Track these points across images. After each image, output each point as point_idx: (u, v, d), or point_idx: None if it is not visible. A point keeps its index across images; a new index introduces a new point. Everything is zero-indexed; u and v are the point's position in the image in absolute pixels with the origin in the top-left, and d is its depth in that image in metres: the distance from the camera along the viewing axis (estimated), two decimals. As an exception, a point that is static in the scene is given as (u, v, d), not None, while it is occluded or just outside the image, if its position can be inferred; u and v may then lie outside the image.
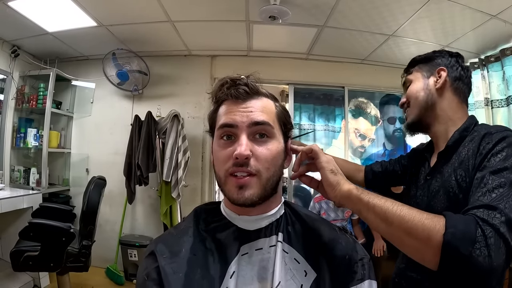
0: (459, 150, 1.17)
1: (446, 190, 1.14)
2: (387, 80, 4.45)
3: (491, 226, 0.78)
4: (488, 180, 0.93)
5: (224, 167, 0.85)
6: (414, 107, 1.32)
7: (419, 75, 1.34)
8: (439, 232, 0.77)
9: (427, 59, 1.34)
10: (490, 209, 0.82)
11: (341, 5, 2.99)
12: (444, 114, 1.27)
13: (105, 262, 4.07)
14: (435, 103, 1.27)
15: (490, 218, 0.80)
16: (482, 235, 0.76)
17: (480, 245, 0.75)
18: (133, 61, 4.08)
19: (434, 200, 1.19)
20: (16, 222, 3.45)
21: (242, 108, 0.86)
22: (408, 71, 1.40)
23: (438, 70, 1.28)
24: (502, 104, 3.50)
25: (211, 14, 3.32)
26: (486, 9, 2.87)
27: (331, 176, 0.91)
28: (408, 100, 1.36)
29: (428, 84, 1.29)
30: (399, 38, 3.61)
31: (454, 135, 1.21)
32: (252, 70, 0.93)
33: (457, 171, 1.11)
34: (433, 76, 1.29)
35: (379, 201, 0.86)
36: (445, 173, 1.18)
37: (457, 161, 1.14)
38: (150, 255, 0.87)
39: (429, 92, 1.28)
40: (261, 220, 0.91)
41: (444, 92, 1.27)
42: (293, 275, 0.85)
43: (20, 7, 3.07)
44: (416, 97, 1.31)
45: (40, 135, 4.09)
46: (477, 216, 0.81)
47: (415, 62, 1.38)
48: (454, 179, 1.11)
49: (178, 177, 3.89)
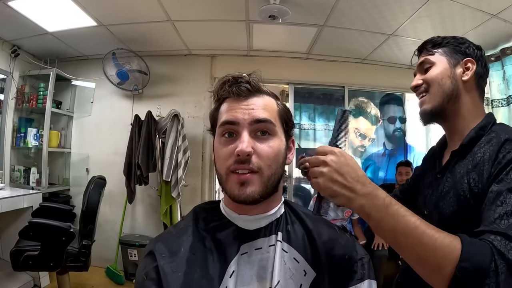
0: (474, 150, 1.08)
1: (457, 192, 1.06)
2: (387, 80, 4.46)
3: (506, 261, 0.74)
4: (506, 199, 0.86)
5: (226, 165, 0.85)
6: (437, 95, 1.18)
7: (444, 60, 1.19)
8: (452, 263, 0.73)
9: (454, 44, 1.21)
10: (508, 240, 0.77)
11: (341, 4, 2.99)
12: (465, 108, 1.16)
13: (105, 261, 4.07)
14: (459, 95, 1.16)
15: (507, 251, 0.75)
16: (495, 270, 0.73)
17: (491, 281, 0.72)
18: (133, 61, 4.08)
19: (443, 201, 1.12)
20: (16, 222, 3.45)
21: (243, 106, 0.87)
22: (428, 50, 1.23)
23: (466, 61, 1.17)
24: (503, 103, 3.50)
25: (211, 14, 3.32)
26: (486, 8, 2.87)
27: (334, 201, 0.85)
28: (426, 83, 1.21)
29: (455, 73, 1.16)
30: (399, 37, 3.61)
31: (470, 133, 1.12)
32: (252, 69, 0.93)
33: (470, 174, 1.03)
34: (460, 66, 1.17)
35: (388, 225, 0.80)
36: (456, 174, 1.10)
37: (471, 163, 1.05)
38: (149, 255, 0.87)
39: (455, 82, 1.16)
40: (261, 219, 0.91)
41: (468, 86, 1.17)
42: (293, 275, 0.85)
43: (20, 7, 3.07)
44: (441, 84, 1.17)
45: (40, 134, 4.09)
46: (495, 246, 0.76)
47: (437, 44, 1.22)
48: (467, 182, 1.03)
49: (178, 177, 3.89)
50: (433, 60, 1.20)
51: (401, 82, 4.46)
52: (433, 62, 1.20)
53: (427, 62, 1.21)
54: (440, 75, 1.17)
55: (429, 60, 1.21)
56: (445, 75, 1.17)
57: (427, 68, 1.21)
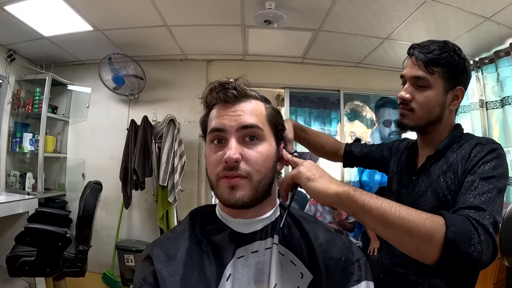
0: (447, 154, 1.22)
1: (434, 190, 1.19)
2: (382, 83, 4.47)
3: (482, 226, 0.86)
4: (478, 185, 1.01)
5: (215, 171, 0.86)
6: (422, 117, 1.23)
7: (441, 86, 1.20)
8: (441, 230, 0.81)
9: (453, 68, 1.20)
10: (480, 210, 0.92)
11: (336, 8, 3.01)
12: (443, 125, 1.27)
13: (102, 267, 4.05)
14: (442, 118, 1.25)
15: (481, 219, 0.88)
16: (476, 233, 0.84)
17: (475, 241, 0.83)
18: (129, 66, 4.08)
19: (421, 199, 1.23)
20: (12, 227, 3.42)
21: (231, 112, 0.87)
22: (428, 66, 1.19)
23: (458, 89, 1.23)
24: (497, 105, 3.52)
25: (206, 19, 3.33)
26: (479, 11, 2.89)
27: (309, 185, 0.86)
28: (416, 104, 1.23)
29: (445, 100, 1.22)
30: (394, 41, 3.63)
31: (445, 141, 1.25)
32: (248, 74, 0.94)
33: (446, 174, 1.17)
34: (451, 93, 1.22)
35: (375, 203, 0.83)
36: (432, 175, 1.23)
37: (446, 165, 1.19)
38: (146, 259, 0.88)
39: (443, 110, 1.23)
40: (256, 222, 0.92)
41: (452, 111, 1.28)
42: (290, 277, 0.86)
43: (16, 11, 3.06)
44: (430, 111, 1.22)
45: (36, 139, 4.07)
46: (470, 216, 0.89)
47: (440, 63, 1.18)
48: (443, 180, 1.17)
49: (174, 182, 3.89)
50: (431, 83, 1.20)
51: (396, 86, 4.38)
52: (431, 85, 1.20)
53: (425, 82, 1.20)
54: (433, 102, 1.22)
55: (428, 81, 1.20)
56: (437, 103, 1.22)
57: (421, 85, 1.22)
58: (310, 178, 0.86)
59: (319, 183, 0.85)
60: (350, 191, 0.83)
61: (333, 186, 0.85)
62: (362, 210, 0.83)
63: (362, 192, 0.84)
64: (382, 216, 0.82)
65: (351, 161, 1.70)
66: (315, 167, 0.89)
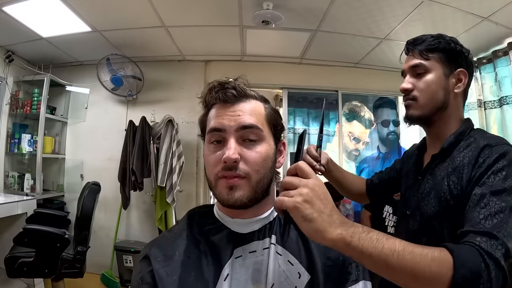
0: (454, 154, 1.15)
1: (437, 193, 1.14)
2: (381, 83, 4.48)
3: (494, 260, 0.81)
4: (489, 202, 0.94)
5: (214, 171, 0.85)
6: (427, 104, 1.19)
7: (439, 68, 1.19)
8: (448, 272, 0.76)
9: (449, 51, 1.20)
10: (493, 238, 0.85)
11: (333, 9, 3.01)
12: (450, 115, 1.21)
13: (100, 268, 4.05)
14: (448, 105, 1.20)
15: (493, 251, 0.83)
16: (487, 270, 0.79)
17: (484, 280, 0.78)
18: (127, 67, 4.08)
19: (424, 202, 1.19)
20: (10, 228, 3.43)
21: (230, 112, 0.87)
22: (423, 54, 1.20)
23: (460, 72, 1.20)
24: (495, 105, 3.53)
25: (204, 19, 3.33)
26: (477, 11, 2.89)
27: (304, 227, 0.71)
28: (418, 91, 1.21)
29: (448, 84, 1.19)
30: (392, 41, 3.64)
31: (450, 138, 1.18)
32: (246, 74, 0.94)
33: (450, 177, 1.11)
34: (453, 76, 1.20)
35: (375, 249, 0.72)
36: (437, 176, 1.17)
37: (451, 166, 1.13)
38: (144, 259, 0.88)
39: (447, 94, 1.19)
40: (254, 223, 0.92)
41: (457, 96, 1.22)
42: (287, 277, 0.85)
43: (15, 12, 3.06)
44: (432, 96, 1.18)
45: (34, 140, 4.07)
46: (482, 248, 0.83)
47: (433, 48, 1.20)
48: (446, 184, 1.11)
49: (172, 182, 3.89)
50: (428, 67, 1.19)
51: (394, 86, 4.41)
52: (428, 69, 1.19)
53: (422, 67, 1.20)
54: (434, 85, 1.18)
55: (425, 66, 1.19)
56: (439, 86, 1.18)
57: (420, 73, 1.21)
58: (306, 218, 0.70)
59: (316, 225, 0.70)
60: (346, 238, 0.71)
61: (329, 230, 0.71)
62: (360, 257, 0.74)
63: (361, 237, 0.72)
64: (384, 262, 0.73)
65: (374, 193, 1.63)
66: (316, 197, 0.71)
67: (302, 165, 0.75)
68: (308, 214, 0.70)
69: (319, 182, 0.74)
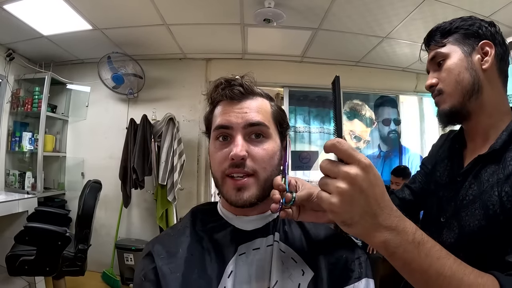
0: (505, 156, 0.91)
1: (484, 204, 0.91)
2: (382, 82, 4.49)
3: None
4: None
5: (221, 168, 0.85)
6: (455, 92, 1.01)
7: (458, 50, 1.02)
8: None
9: (463, 29, 1.03)
10: None
11: (335, 7, 3.01)
12: (490, 102, 0.99)
13: (101, 266, 4.05)
14: (481, 88, 0.98)
15: None
16: None
17: None
18: (128, 65, 4.08)
19: (466, 211, 0.96)
20: (11, 226, 3.43)
21: (237, 109, 0.87)
22: (437, 42, 1.06)
23: (483, 44, 0.99)
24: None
25: (206, 18, 3.33)
26: (479, 10, 2.89)
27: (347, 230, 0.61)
28: (439, 82, 1.05)
29: (472, 62, 0.99)
30: (393, 40, 3.64)
31: (502, 136, 0.94)
32: (253, 72, 0.94)
33: (502, 186, 0.88)
34: (476, 52, 1.00)
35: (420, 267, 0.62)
36: (484, 182, 0.94)
37: (503, 172, 0.90)
38: (147, 256, 0.88)
39: (475, 74, 0.98)
40: (258, 220, 0.92)
41: (490, 74, 0.99)
42: (291, 274, 0.85)
43: (16, 10, 3.06)
44: (457, 81, 1.00)
45: (35, 138, 4.07)
46: None
47: (446, 32, 1.05)
48: (497, 194, 0.88)
49: (173, 181, 3.89)
50: (445, 52, 1.03)
51: (395, 84, 4.50)
52: (446, 55, 1.03)
53: (439, 56, 1.05)
54: (456, 69, 1.01)
55: (441, 53, 1.04)
56: (461, 67, 1.00)
57: (439, 62, 1.05)
58: (345, 223, 0.60)
59: (357, 231, 0.61)
60: (389, 248, 0.61)
61: (373, 235, 0.61)
62: (401, 270, 0.65)
63: (406, 249, 0.61)
64: (425, 284, 0.64)
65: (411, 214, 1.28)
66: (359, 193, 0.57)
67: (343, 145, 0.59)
68: (347, 220, 0.59)
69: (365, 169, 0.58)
